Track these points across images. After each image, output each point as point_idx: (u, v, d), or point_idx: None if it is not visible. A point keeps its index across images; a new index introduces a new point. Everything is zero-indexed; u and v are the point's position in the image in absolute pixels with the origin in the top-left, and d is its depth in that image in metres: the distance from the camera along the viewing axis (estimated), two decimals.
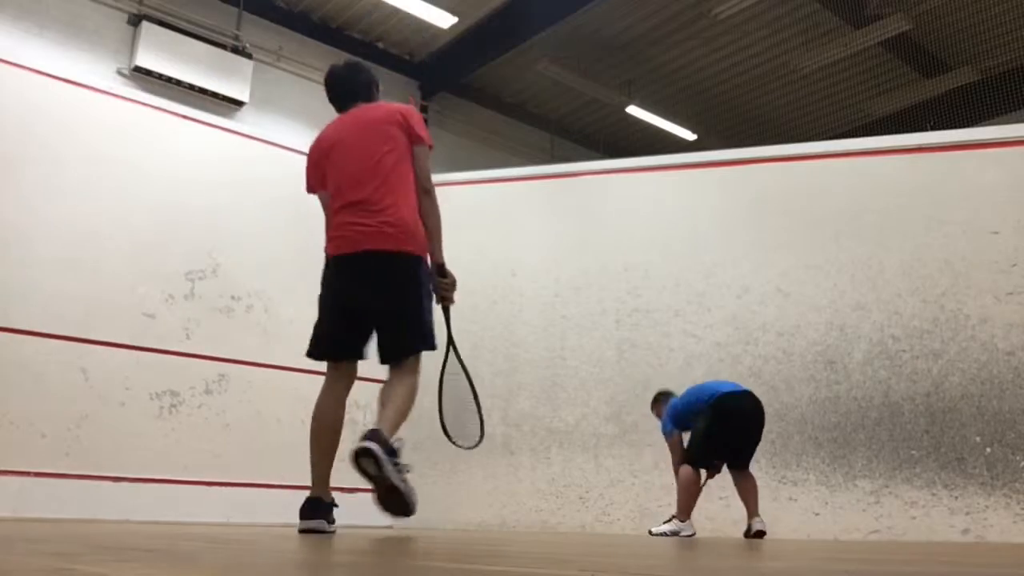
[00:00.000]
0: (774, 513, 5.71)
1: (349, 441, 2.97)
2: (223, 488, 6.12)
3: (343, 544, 2.39)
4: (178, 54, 7.28)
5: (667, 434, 5.16)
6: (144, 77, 7.07)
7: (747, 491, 4.87)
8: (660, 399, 5.43)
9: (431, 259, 3.30)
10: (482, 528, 6.39)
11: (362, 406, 6.73)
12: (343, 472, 3.15)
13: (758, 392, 5.96)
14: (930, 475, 5.27)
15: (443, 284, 3.35)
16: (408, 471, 2.93)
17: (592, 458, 6.36)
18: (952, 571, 1.74)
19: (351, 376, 3.28)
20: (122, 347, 5.93)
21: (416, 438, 7.00)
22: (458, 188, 7.36)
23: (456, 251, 7.24)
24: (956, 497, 5.27)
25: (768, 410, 5.93)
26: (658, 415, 5.39)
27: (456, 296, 3.40)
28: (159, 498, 5.75)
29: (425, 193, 3.28)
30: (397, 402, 3.05)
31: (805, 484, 5.68)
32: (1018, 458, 5.18)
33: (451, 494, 6.74)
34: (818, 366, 5.81)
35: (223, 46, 7.64)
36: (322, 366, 3.33)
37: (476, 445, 3.56)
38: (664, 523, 4.95)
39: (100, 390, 5.78)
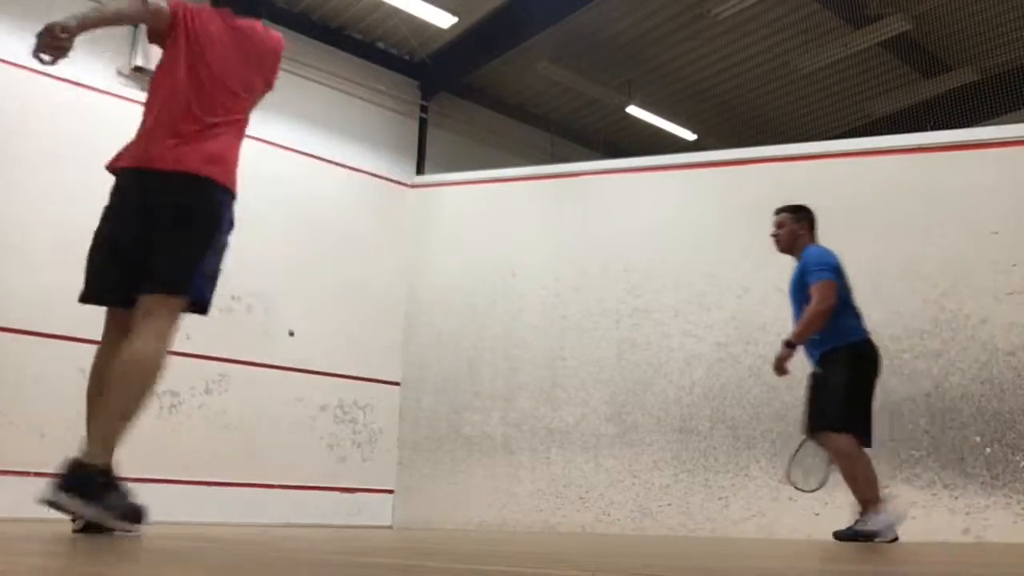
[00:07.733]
0: (774, 513, 5.71)
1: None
2: (223, 488, 6.11)
3: (342, 544, 2.39)
4: None
5: (820, 275, 4.13)
6: (144, 77, 7.04)
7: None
8: (804, 216, 4.36)
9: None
10: (482, 528, 6.39)
11: (361, 406, 6.75)
12: (342, 470, 3.14)
13: (757, 392, 5.99)
14: (930, 475, 5.26)
15: None
16: (126, 494, 2.62)
17: (592, 458, 6.36)
18: (952, 571, 1.74)
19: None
20: None
21: (416, 438, 7.04)
22: (458, 188, 7.36)
23: (456, 251, 7.30)
24: (956, 497, 5.26)
25: (768, 410, 5.95)
26: (781, 227, 4.34)
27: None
28: (159, 498, 5.71)
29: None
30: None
31: None
32: (1018, 458, 5.17)
33: (451, 494, 6.74)
34: None
35: None
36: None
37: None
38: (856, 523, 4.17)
39: None
